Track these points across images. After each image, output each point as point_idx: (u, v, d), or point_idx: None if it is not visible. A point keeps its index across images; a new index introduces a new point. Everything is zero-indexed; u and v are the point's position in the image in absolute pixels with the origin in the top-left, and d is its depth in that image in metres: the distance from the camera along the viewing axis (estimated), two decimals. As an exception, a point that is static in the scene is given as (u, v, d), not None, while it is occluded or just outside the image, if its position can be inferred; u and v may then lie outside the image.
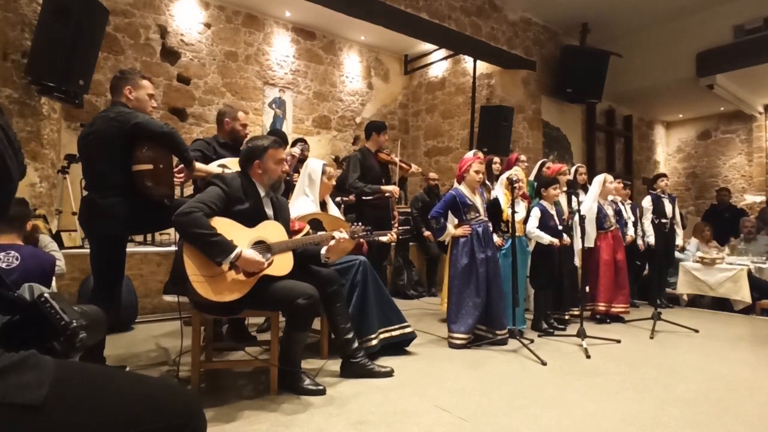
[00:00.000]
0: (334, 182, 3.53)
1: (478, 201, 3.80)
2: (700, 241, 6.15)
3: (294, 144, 4.92)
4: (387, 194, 4.33)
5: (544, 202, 4.25)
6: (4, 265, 2.41)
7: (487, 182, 4.44)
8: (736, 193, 9.81)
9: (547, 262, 4.17)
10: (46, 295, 0.85)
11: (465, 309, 3.61)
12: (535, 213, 4.17)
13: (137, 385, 0.90)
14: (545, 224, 4.15)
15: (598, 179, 4.78)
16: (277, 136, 3.69)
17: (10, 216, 2.54)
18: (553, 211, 4.24)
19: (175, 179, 2.73)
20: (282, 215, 2.71)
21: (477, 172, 3.77)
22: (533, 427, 2.17)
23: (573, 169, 5.20)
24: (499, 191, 4.20)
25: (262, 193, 2.63)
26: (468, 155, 3.98)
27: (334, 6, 5.57)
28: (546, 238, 4.07)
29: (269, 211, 2.63)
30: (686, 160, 11.07)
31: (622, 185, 5.38)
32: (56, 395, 0.75)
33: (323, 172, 3.32)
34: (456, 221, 3.86)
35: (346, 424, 2.16)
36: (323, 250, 2.72)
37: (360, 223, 2.89)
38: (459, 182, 3.84)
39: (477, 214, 3.76)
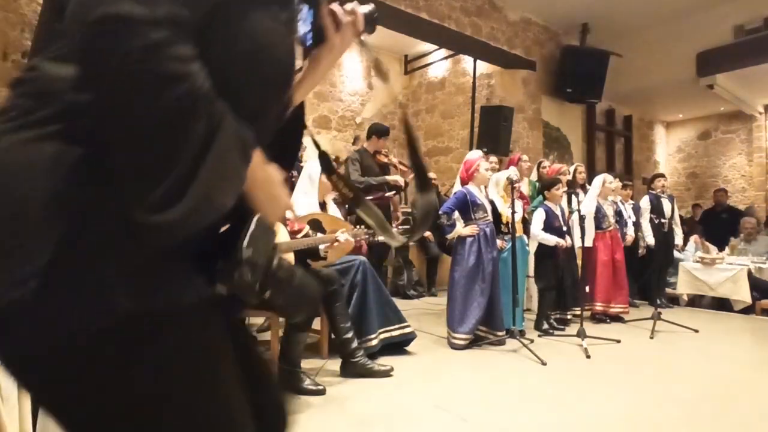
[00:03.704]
0: (333, 182, 3.53)
1: (485, 201, 3.80)
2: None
3: None
4: (393, 183, 4.33)
5: (548, 203, 4.25)
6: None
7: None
8: (735, 193, 9.81)
9: (551, 262, 4.17)
10: (257, 217, 0.69)
11: (470, 310, 3.60)
12: (540, 215, 4.15)
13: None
14: (550, 225, 4.14)
15: (598, 179, 4.79)
16: None
17: None
18: (558, 212, 4.24)
19: None
20: None
21: (486, 170, 3.80)
22: (533, 427, 2.17)
23: (572, 169, 5.20)
24: (493, 192, 4.14)
25: None
26: (473, 155, 3.96)
27: (334, 6, 5.56)
28: (552, 240, 4.07)
29: None
30: (686, 160, 11.07)
31: (621, 185, 5.38)
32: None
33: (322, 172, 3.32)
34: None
35: (346, 424, 2.16)
36: (322, 246, 2.74)
37: (362, 226, 2.90)
38: (466, 183, 3.82)
39: (485, 214, 3.76)
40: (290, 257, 2.57)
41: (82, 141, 0.56)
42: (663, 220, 5.36)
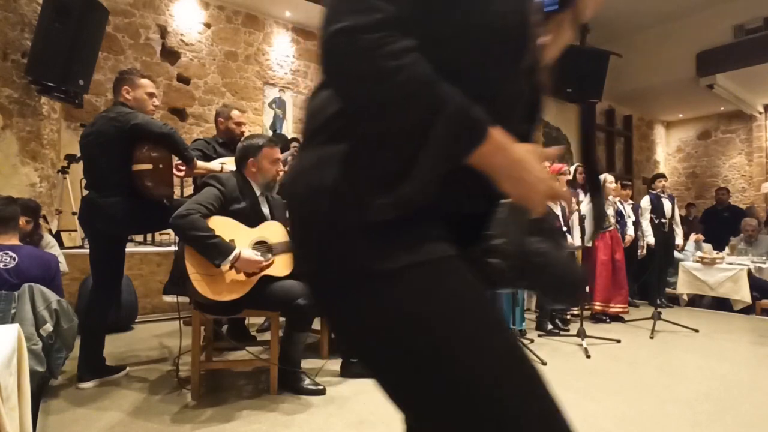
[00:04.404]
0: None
1: None
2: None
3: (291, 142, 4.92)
4: None
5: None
6: (1, 265, 2.41)
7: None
8: (736, 193, 9.82)
9: None
10: (505, 203, 0.70)
11: None
12: None
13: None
14: None
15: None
16: (278, 139, 3.69)
17: (4, 217, 2.52)
18: (558, 211, 4.24)
19: (175, 174, 2.73)
20: (278, 214, 2.71)
21: None
22: (533, 427, 2.17)
23: (572, 169, 5.20)
24: None
25: (258, 192, 2.63)
26: None
27: (334, 6, 5.56)
28: None
29: (265, 210, 2.64)
30: (686, 160, 11.07)
31: (620, 186, 5.38)
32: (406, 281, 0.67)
33: None
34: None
35: (346, 424, 2.15)
36: None
37: None
38: None
39: None
40: (290, 258, 2.57)
41: (342, 144, 0.70)
42: (663, 220, 5.36)
